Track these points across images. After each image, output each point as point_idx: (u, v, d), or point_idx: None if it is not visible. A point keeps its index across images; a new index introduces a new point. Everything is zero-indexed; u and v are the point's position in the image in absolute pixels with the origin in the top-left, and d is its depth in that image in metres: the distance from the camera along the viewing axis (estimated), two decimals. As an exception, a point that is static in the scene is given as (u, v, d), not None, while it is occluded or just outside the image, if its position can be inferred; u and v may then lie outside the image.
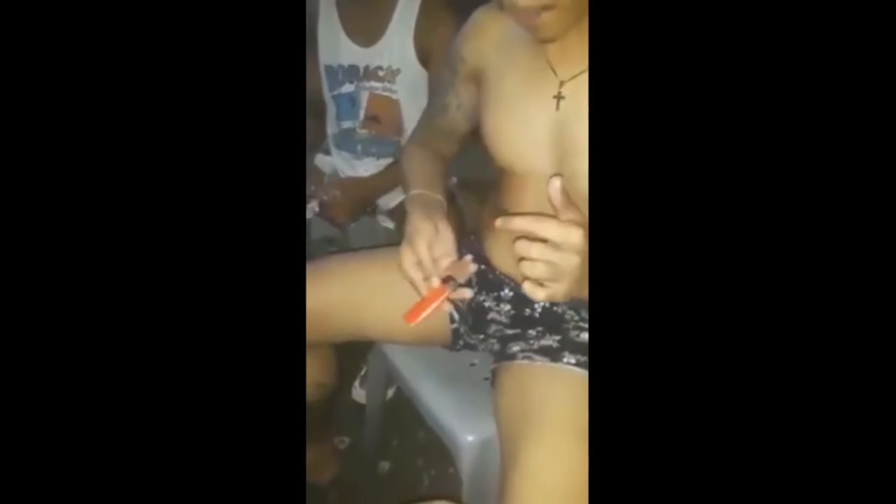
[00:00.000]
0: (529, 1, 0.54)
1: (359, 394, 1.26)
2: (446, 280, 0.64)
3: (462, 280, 0.64)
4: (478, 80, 0.71)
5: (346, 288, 0.78)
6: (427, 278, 0.63)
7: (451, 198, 0.80)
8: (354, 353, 1.20)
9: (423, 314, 0.62)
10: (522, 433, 0.61)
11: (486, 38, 0.69)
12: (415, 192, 0.72)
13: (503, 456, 0.63)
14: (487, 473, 0.73)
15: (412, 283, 0.64)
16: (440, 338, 0.81)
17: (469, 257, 0.65)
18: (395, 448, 1.18)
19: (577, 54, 0.61)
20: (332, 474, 1.08)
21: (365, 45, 1.14)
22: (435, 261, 0.63)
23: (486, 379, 0.78)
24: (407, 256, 0.64)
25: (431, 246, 0.64)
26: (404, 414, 1.10)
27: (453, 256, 0.65)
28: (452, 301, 0.78)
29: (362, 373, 1.27)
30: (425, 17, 1.09)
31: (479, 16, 0.71)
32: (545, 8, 0.53)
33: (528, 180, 0.69)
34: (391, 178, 1.15)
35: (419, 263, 0.63)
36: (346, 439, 1.19)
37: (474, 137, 0.78)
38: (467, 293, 0.65)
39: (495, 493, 0.61)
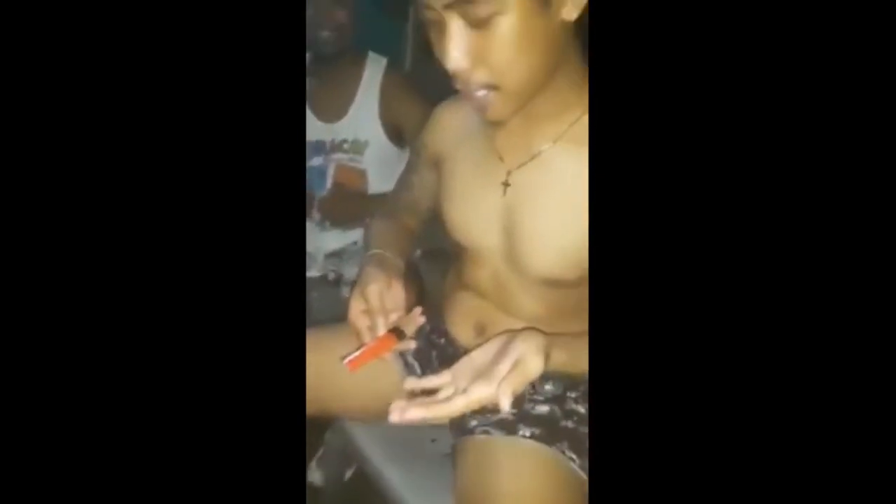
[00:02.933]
0: (470, 77, 0.55)
1: (315, 475, 1.20)
2: (393, 331, 0.62)
3: (410, 333, 0.63)
4: (437, 164, 0.76)
5: (307, 363, 0.76)
6: (373, 327, 0.62)
7: (414, 270, 0.82)
8: (312, 432, 1.15)
9: (365, 362, 0.60)
10: (481, 509, 0.59)
11: (445, 129, 0.74)
12: (374, 251, 0.73)
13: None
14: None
15: (356, 330, 0.63)
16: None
17: (418, 309, 0.65)
18: (353, 534, 1.11)
19: (522, 144, 0.65)
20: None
21: (331, 122, 1.20)
22: (383, 311, 0.62)
23: (447, 455, 0.76)
24: (355, 303, 0.63)
25: (382, 296, 0.63)
26: (363, 496, 1.04)
27: (402, 313, 0.64)
28: (410, 373, 0.78)
29: (319, 454, 1.21)
30: (387, 94, 1.18)
31: (440, 110, 0.77)
32: (489, 88, 0.56)
33: (480, 256, 0.72)
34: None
35: (367, 311, 0.63)
36: (302, 525, 1.12)
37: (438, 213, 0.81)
38: (412, 344, 0.65)
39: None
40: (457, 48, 0.52)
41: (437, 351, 0.78)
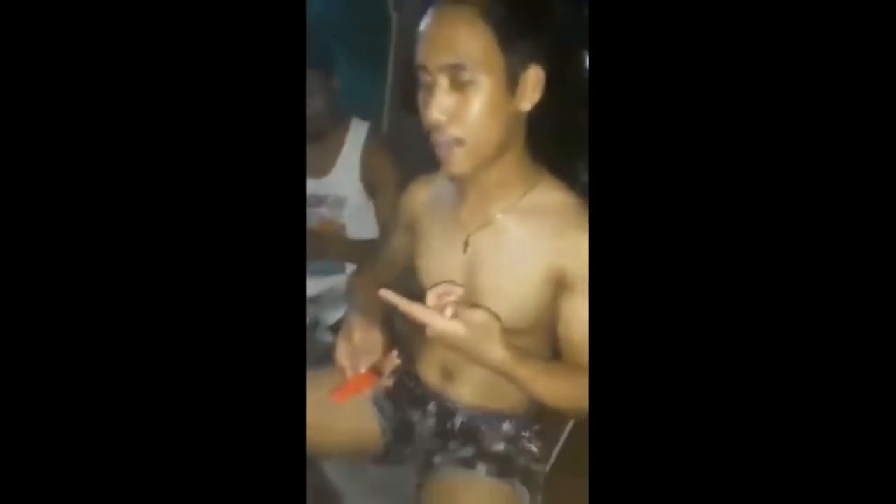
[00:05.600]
0: (446, 130, 0.67)
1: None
2: (372, 370, 0.74)
3: (386, 373, 0.75)
4: (411, 228, 0.88)
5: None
6: (355, 366, 0.73)
7: (389, 318, 0.91)
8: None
9: (349, 396, 0.72)
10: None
11: (419, 200, 0.87)
12: (357, 300, 0.86)
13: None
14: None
15: (342, 369, 0.74)
16: (372, 450, 0.87)
17: (394, 352, 0.76)
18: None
19: (480, 212, 0.77)
20: None
21: (317, 178, 1.31)
22: (365, 352, 0.74)
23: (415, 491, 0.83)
24: (342, 344, 0.75)
25: (364, 340, 0.75)
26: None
27: (380, 355, 0.76)
28: (382, 413, 0.86)
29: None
30: (368, 157, 1.30)
31: (413, 186, 0.89)
32: (458, 142, 0.68)
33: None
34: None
35: (351, 354, 0.74)
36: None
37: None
38: (388, 383, 0.76)
39: None
40: (440, 104, 0.66)
41: (407, 393, 0.87)
